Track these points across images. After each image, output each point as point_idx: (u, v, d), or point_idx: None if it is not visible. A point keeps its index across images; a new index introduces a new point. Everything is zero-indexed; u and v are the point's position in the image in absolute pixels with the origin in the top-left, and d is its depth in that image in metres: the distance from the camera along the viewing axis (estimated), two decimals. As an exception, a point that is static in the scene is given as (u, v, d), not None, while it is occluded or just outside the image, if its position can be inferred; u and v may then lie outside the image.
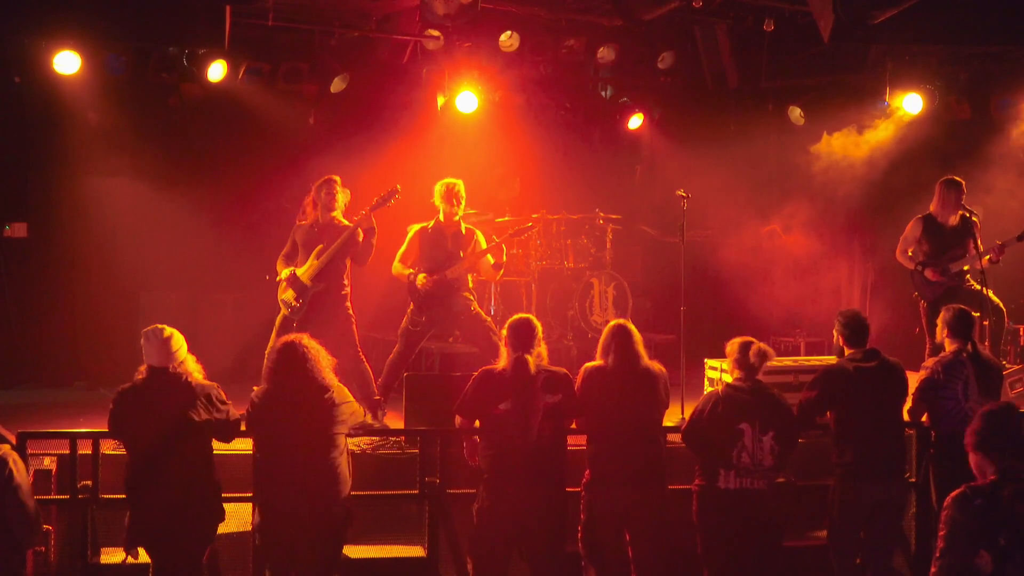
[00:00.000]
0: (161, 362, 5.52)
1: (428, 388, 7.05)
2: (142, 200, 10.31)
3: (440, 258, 7.79)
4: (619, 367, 5.74)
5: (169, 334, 5.56)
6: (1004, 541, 3.90)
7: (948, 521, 3.98)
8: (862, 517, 5.96)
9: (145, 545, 5.54)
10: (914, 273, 8.22)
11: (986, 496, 3.95)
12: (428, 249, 7.82)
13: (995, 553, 3.91)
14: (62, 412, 8.32)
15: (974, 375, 6.15)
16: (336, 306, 7.70)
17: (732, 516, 5.66)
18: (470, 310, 7.84)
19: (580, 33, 10.15)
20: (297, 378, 5.54)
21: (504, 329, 5.81)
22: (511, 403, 5.56)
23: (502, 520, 5.59)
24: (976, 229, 8.06)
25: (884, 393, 5.99)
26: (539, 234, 10.23)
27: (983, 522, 3.93)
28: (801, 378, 7.20)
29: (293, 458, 5.47)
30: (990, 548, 3.91)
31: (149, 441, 5.48)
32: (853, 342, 6.08)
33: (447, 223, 7.84)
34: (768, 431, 5.66)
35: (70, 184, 10.05)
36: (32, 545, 5.59)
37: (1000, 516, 3.92)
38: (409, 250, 7.90)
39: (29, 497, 5.19)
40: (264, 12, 8.94)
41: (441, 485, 6.50)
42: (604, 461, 5.69)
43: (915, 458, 6.56)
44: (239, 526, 6.38)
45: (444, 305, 7.80)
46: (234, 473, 6.06)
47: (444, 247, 7.81)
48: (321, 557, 5.54)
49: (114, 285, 10.13)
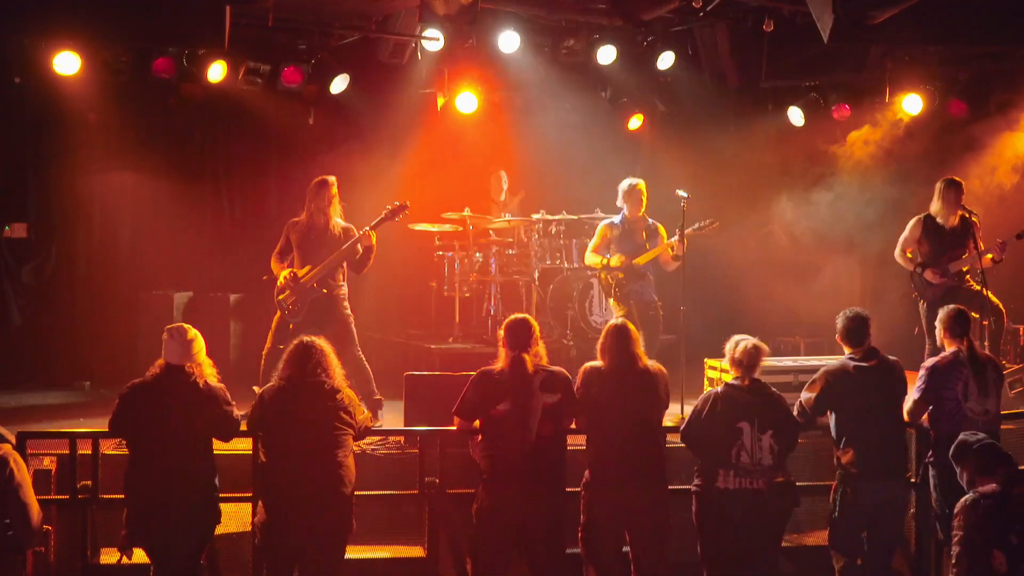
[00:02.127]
0: (180, 361, 5.60)
1: (428, 388, 7.05)
2: (142, 200, 10.33)
3: (631, 250, 8.32)
4: (618, 367, 5.74)
5: (192, 336, 5.66)
6: (1016, 539, 3.91)
7: (961, 526, 3.99)
8: (863, 517, 5.96)
9: (143, 545, 5.55)
10: (914, 274, 8.22)
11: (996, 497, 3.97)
12: (620, 242, 8.38)
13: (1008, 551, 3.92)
14: (62, 412, 8.33)
15: (973, 375, 6.14)
16: (334, 307, 7.72)
17: (732, 516, 5.66)
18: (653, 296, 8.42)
19: (580, 33, 10.14)
20: (309, 379, 5.57)
21: (501, 329, 5.81)
22: (510, 403, 5.56)
23: (502, 520, 5.59)
24: (976, 229, 8.06)
25: (884, 393, 5.99)
26: (539, 234, 10.24)
27: (994, 522, 3.94)
28: (801, 378, 7.19)
29: (301, 458, 5.49)
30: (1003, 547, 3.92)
31: (152, 436, 5.50)
32: (853, 341, 6.08)
33: (632, 219, 8.40)
34: (767, 430, 5.66)
35: (70, 184, 10.06)
36: (32, 545, 5.60)
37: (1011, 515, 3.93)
38: (600, 244, 8.48)
39: (30, 497, 5.20)
40: (264, 12, 8.94)
41: (441, 485, 6.50)
42: (604, 461, 5.69)
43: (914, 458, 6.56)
44: (239, 526, 6.39)
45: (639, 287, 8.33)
46: (234, 473, 6.06)
47: (635, 240, 8.35)
48: (326, 557, 5.55)
49: (114, 285, 10.14)
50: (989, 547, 3.95)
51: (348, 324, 7.76)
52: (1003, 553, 3.92)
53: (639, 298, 8.34)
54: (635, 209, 8.38)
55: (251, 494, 6.11)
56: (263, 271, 8.12)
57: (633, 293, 8.34)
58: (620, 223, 8.47)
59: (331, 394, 5.60)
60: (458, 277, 10.23)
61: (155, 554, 5.53)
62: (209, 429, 5.62)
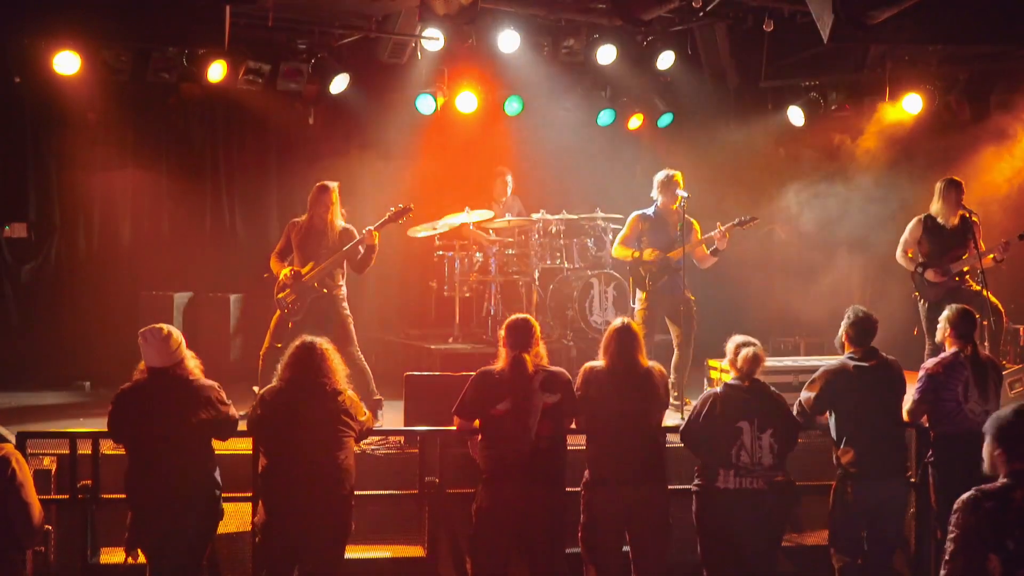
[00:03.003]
0: (161, 363, 5.51)
1: (428, 388, 7.04)
2: (142, 200, 10.34)
3: (664, 243, 8.19)
4: (618, 367, 5.74)
5: (167, 333, 5.53)
6: (1013, 545, 3.88)
7: (958, 524, 3.96)
8: (863, 517, 5.96)
9: (145, 545, 5.53)
10: (915, 274, 8.22)
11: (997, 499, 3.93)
12: (652, 234, 8.23)
13: (1003, 556, 3.89)
14: (62, 412, 8.33)
15: (974, 376, 6.14)
16: (333, 306, 7.73)
17: (732, 516, 5.66)
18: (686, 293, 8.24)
19: (580, 33, 10.15)
20: (312, 380, 5.56)
21: (501, 329, 5.80)
22: (510, 403, 5.55)
23: (501, 520, 5.59)
24: (977, 229, 8.06)
25: (884, 392, 5.99)
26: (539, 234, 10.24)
27: (993, 525, 3.91)
28: (801, 378, 7.19)
29: (302, 459, 5.48)
30: (999, 551, 3.90)
31: (150, 441, 5.48)
32: (857, 340, 6.06)
33: (666, 211, 8.22)
34: (766, 429, 5.66)
35: (70, 184, 10.06)
36: (33, 545, 5.59)
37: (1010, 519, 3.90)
38: (630, 236, 8.32)
39: (32, 496, 5.19)
40: (264, 12, 8.94)
41: (441, 485, 6.50)
42: (604, 461, 5.69)
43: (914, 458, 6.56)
44: (239, 526, 6.39)
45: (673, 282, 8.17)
46: (234, 473, 6.06)
47: (668, 232, 8.20)
48: (326, 557, 5.55)
49: (114, 285, 10.13)
50: (985, 551, 3.92)
51: (347, 324, 7.78)
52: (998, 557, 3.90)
53: (672, 293, 8.19)
54: (670, 201, 8.18)
55: (251, 494, 6.11)
56: (263, 271, 8.14)
57: (666, 287, 8.19)
58: (653, 214, 8.30)
59: (333, 396, 5.59)
60: (458, 277, 10.22)
61: (157, 555, 5.52)
62: (206, 429, 5.59)
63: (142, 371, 5.57)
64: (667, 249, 8.17)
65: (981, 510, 3.95)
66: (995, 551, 3.90)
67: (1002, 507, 3.93)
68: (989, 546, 3.91)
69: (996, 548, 3.90)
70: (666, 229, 8.22)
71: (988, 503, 3.95)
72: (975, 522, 3.94)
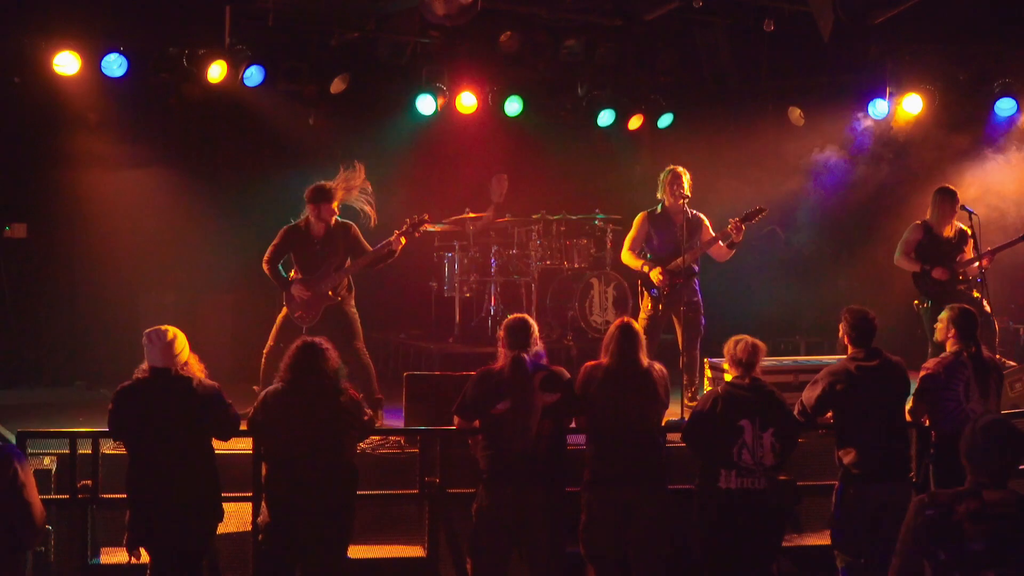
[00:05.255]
0: (164, 363, 5.50)
1: (428, 388, 7.04)
2: (142, 200, 10.32)
3: (671, 242, 7.99)
4: (619, 366, 5.73)
5: (172, 336, 5.53)
6: (944, 556, 3.88)
7: (905, 523, 3.99)
8: (866, 518, 5.93)
9: (145, 545, 5.53)
10: (920, 273, 8.20)
11: (939, 507, 3.94)
12: (659, 234, 8.05)
13: (934, 565, 3.90)
14: (62, 412, 8.32)
15: (975, 376, 6.13)
16: (342, 308, 7.73)
17: (733, 516, 5.65)
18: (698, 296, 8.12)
19: (580, 33, 10.15)
20: (314, 380, 5.55)
21: (501, 329, 5.80)
22: (510, 403, 5.55)
23: (501, 520, 5.59)
24: (974, 233, 8.06)
25: (886, 392, 5.97)
26: (539, 234, 10.24)
27: (929, 532, 3.92)
28: (801, 378, 7.19)
29: (303, 459, 5.47)
30: (930, 559, 3.91)
31: (151, 441, 5.48)
32: (858, 341, 6.05)
33: (671, 208, 8.03)
34: (768, 428, 5.65)
35: (70, 184, 10.05)
36: (34, 545, 5.58)
37: (946, 530, 3.90)
38: (637, 236, 8.12)
39: (34, 496, 5.18)
40: (264, 12, 8.95)
41: (441, 485, 6.50)
42: (604, 461, 5.68)
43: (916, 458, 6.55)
44: (239, 526, 6.38)
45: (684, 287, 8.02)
46: (234, 473, 6.05)
47: (672, 232, 8.01)
48: (328, 557, 5.54)
49: (114, 285, 10.13)
50: (920, 556, 3.94)
51: (355, 321, 7.76)
52: (930, 565, 3.91)
53: (682, 298, 8.05)
54: (673, 197, 7.98)
55: (251, 494, 6.10)
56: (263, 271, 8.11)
57: (676, 292, 8.01)
58: (659, 214, 8.12)
59: (334, 396, 5.58)
60: (458, 277, 10.22)
61: (158, 554, 5.52)
62: (208, 429, 5.59)
63: (144, 371, 5.56)
64: (675, 248, 8.04)
65: (922, 516, 3.96)
66: (927, 558, 3.92)
67: (942, 516, 3.93)
68: (923, 552, 3.92)
69: (928, 555, 3.91)
70: (672, 229, 8.05)
71: (931, 511, 3.96)
72: (915, 526, 3.97)
